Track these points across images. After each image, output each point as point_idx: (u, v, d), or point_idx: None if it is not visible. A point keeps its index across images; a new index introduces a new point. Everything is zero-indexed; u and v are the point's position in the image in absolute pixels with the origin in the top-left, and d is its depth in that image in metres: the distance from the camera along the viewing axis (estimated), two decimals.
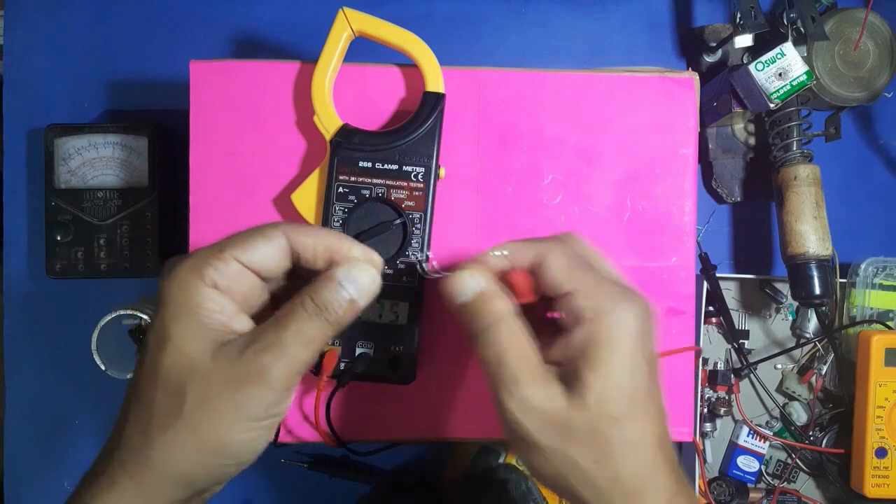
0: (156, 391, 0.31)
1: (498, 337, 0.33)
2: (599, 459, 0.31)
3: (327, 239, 0.33)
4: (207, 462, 0.31)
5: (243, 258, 0.32)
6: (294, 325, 0.31)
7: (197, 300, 0.31)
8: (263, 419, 0.31)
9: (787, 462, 0.60)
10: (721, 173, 0.60)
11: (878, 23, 0.57)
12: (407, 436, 0.48)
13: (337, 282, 0.33)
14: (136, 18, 0.60)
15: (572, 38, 0.61)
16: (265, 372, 0.30)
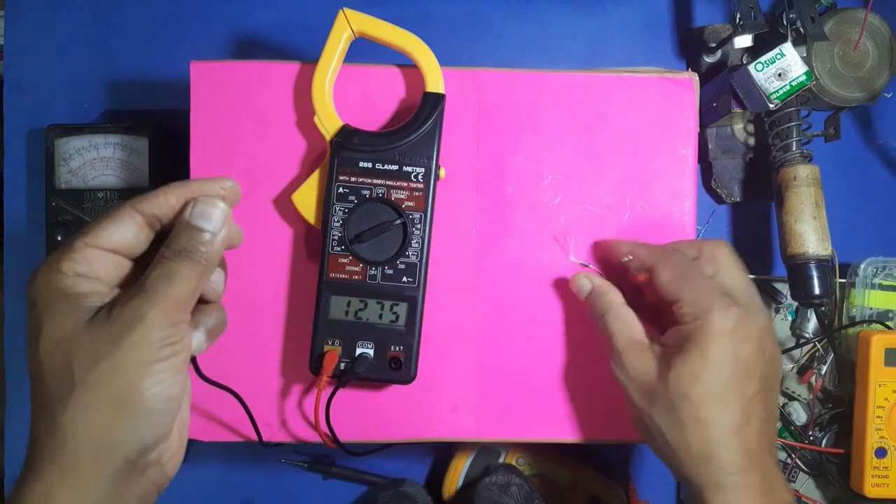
0: (45, 377, 0.31)
1: (610, 322, 0.43)
2: (674, 426, 0.39)
3: (176, 191, 0.35)
4: (119, 420, 0.31)
5: (96, 243, 0.33)
6: (156, 270, 0.33)
7: (62, 288, 0.32)
8: (156, 360, 0.31)
9: (786, 462, 0.60)
10: (721, 173, 0.60)
11: (877, 23, 0.57)
12: (407, 436, 0.48)
13: (187, 223, 0.34)
14: (136, 18, 0.60)
15: (572, 39, 0.61)
16: (138, 313, 0.31)
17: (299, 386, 0.47)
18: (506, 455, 0.57)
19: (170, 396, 0.32)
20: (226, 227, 0.35)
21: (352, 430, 0.47)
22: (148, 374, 0.31)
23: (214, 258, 0.35)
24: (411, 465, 0.61)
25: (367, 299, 0.44)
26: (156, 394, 0.31)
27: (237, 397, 0.44)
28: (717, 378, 0.38)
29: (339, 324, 0.44)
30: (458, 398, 0.47)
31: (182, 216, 0.34)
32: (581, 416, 0.48)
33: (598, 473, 0.58)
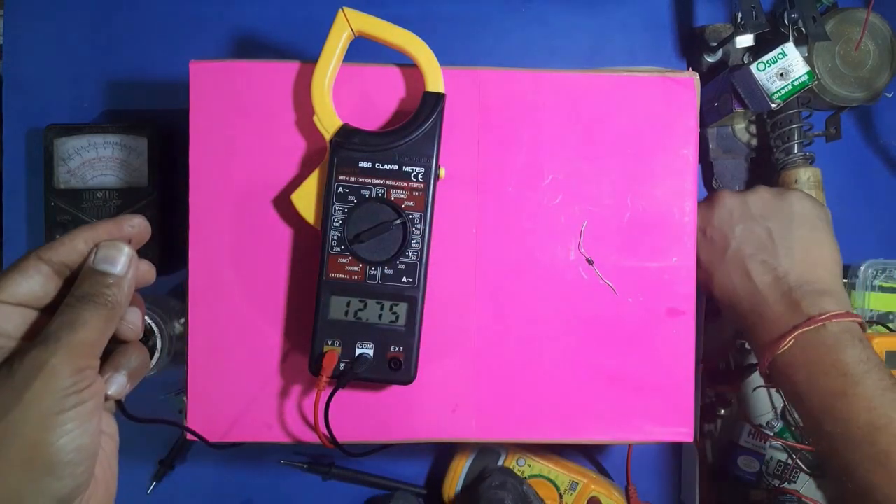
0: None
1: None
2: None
3: (82, 235, 0.34)
4: (30, 475, 0.29)
5: (3, 298, 0.32)
6: (60, 318, 0.32)
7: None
8: (63, 410, 0.30)
9: (787, 462, 0.60)
10: (722, 173, 0.60)
11: (878, 23, 0.57)
12: (407, 436, 0.47)
13: (91, 269, 0.33)
14: (136, 18, 0.60)
15: (572, 38, 0.61)
16: (40, 364, 0.30)
17: (299, 386, 0.47)
18: (506, 456, 0.57)
19: (80, 446, 0.30)
20: (132, 269, 0.34)
21: (352, 431, 0.47)
22: (55, 426, 0.29)
23: (123, 301, 0.34)
24: (411, 466, 0.61)
25: (367, 299, 0.44)
26: (64, 445, 0.30)
27: (178, 425, 0.43)
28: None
29: (338, 324, 0.44)
30: (458, 398, 0.47)
31: (86, 262, 0.34)
32: (581, 417, 0.48)
33: (598, 473, 0.58)
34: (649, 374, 0.48)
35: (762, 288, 0.48)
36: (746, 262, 0.49)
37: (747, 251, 0.49)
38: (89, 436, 0.31)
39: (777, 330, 0.46)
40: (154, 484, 0.59)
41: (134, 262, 0.35)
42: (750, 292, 0.49)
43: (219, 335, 0.46)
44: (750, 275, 0.48)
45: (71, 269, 0.34)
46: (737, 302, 0.49)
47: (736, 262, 0.49)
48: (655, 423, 0.48)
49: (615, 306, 0.48)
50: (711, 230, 0.51)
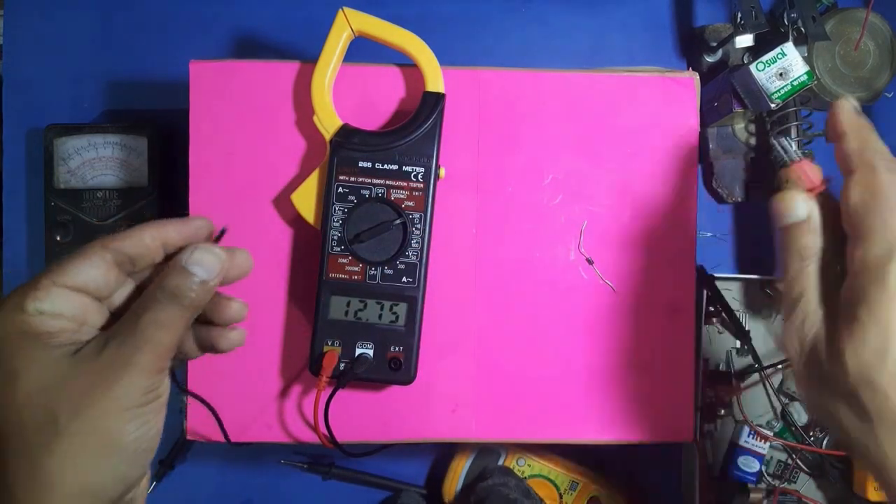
0: (25, 424, 0.30)
1: (803, 277, 0.34)
2: (858, 419, 0.31)
3: (150, 230, 0.34)
4: (105, 464, 0.30)
5: (63, 281, 0.32)
6: (148, 314, 0.31)
7: (31, 330, 0.30)
8: (144, 404, 0.31)
9: (787, 462, 0.60)
10: (722, 173, 0.60)
11: (878, 23, 0.57)
12: (407, 436, 0.47)
13: (182, 267, 0.33)
14: (136, 18, 0.60)
15: (572, 38, 0.61)
16: (131, 360, 0.30)
17: (299, 386, 0.47)
18: (506, 456, 0.57)
19: (151, 438, 0.32)
20: (219, 278, 0.34)
21: (352, 431, 0.47)
22: (134, 418, 0.30)
23: (201, 306, 0.33)
24: (411, 466, 0.61)
25: (367, 299, 0.44)
26: (139, 437, 0.31)
27: (208, 406, 0.44)
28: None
29: (338, 324, 0.44)
30: (457, 398, 0.47)
31: (178, 259, 0.33)
32: (581, 417, 0.48)
33: (598, 473, 0.58)
34: (649, 374, 0.48)
35: None
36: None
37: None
38: (158, 429, 0.32)
39: None
40: (154, 484, 0.59)
41: (223, 271, 0.34)
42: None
43: None
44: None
45: (132, 263, 0.34)
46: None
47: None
48: (655, 423, 0.48)
49: (615, 306, 0.48)
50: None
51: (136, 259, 0.33)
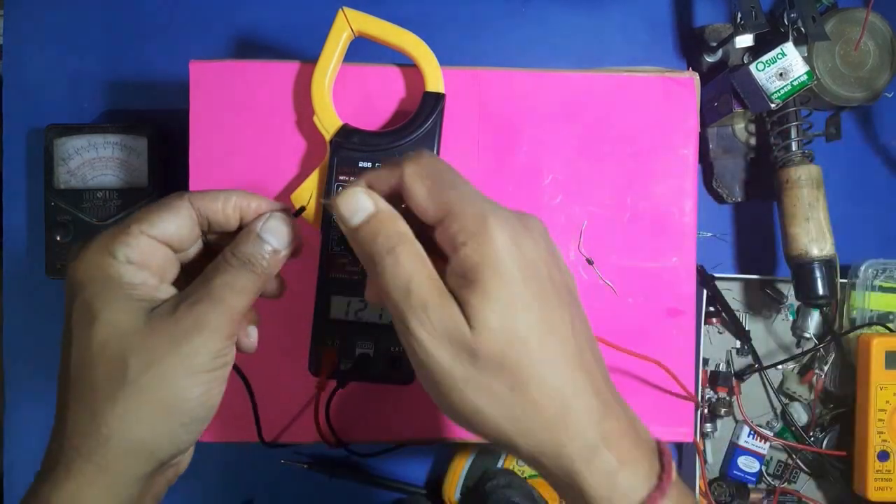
0: (95, 368, 0.30)
1: (403, 261, 0.30)
2: (514, 386, 0.29)
3: (234, 198, 0.34)
4: (164, 423, 0.30)
5: (152, 232, 0.32)
6: (221, 277, 0.31)
7: (116, 276, 0.31)
8: (211, 369, 0.31)
9: (787, 462, 0.60)
10: (722, 173, 0.60)
11: (878, 23, 0.57)
12: (407, 436, 0.47)
13: (256, 234, 0.33)
14: (136, 18, 0.60)
15: (572, 38, 0.61)
16: (203, 320, 0.30)
17: (299, 386, 0.47)
18: (506, 456, 0.57)
19: (213, 405, 0.32)
20: (290, 248, 0.34)
21: (352, 431, 0.47)
22: (199, 382, 0.30)
23: (272, 274, 0.33)
24: (411, 466, 0.61)
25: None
26: (201, 403, 0.31)
27: (249, 390, 0.44)
28: (532, 301, 0.29)
29: (338, 324, 0.44)
30: None
31: (252, 226, 0.33)
32: None
33: None
34: (649, 374, 0.48)
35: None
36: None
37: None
38: (217, 399, 0.32)
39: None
40: None
41: (296, 242, 0.34)
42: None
43: None
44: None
45: (210, 227, 0.34)
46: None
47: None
48: (655, 423, 0.48)
49: (615, 306, 0.48)
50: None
51: (213, 222, 0.34)
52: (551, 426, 0.29)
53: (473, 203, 0.30)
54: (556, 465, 0.30)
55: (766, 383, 0.60)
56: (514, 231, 0.30)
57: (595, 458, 0.29)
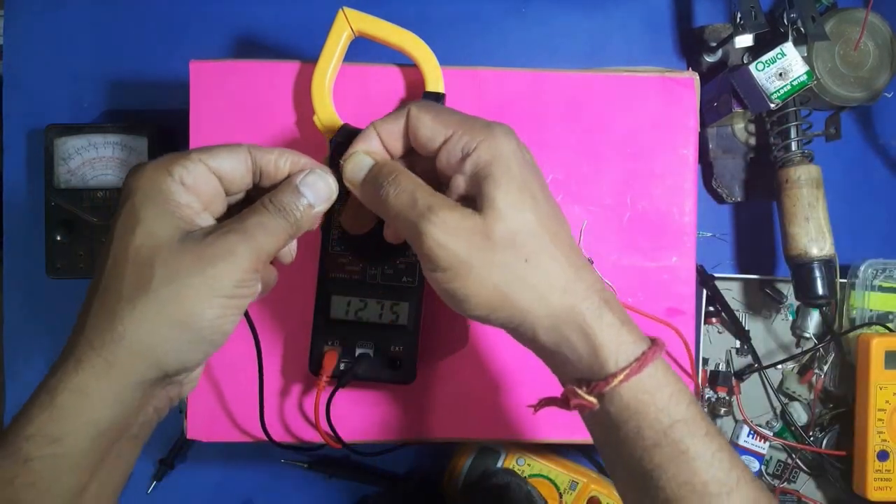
0: (124, 269, 0.31)
1: (404, 182, 0.34)
2: (529, 257, 0.33)
3: (288, 154, 0.36)
4: (176, 337, 0.31)
5: (209, 162, 0.34)
6: (256, 217, 0.33)
7: (166, 190, 0.33)
8: (231, 297, 0.32)
9: (787, 462, 0.60)
10: (721, 173, 0.60)
11: (878, 23, 0.57)
12: (407, 436, 0.47)
13: (295, 186, 0.35)
14: (136, 18, 0.60)
15: (572, 38, 0.61)
16: (233, 249, 0.32)
17: (299, 386, 0.47)
18: (506, 456, 0.57)
19: (225, 332, 0.33)
20: (325, 205, 0.36)
21: (352, 431, 0.47)
22: (216, 306, 0.32)
23: (304, 228, 0.35)
24: (411, 465, 0.61)
25: (367, 299, 0.44)
26: (216, 326, 0.32)
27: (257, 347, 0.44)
28: (534, 188, 0.34)
29: (339, 324, 0.44)
30: (457, 398, 0.47)
31: (292, 178, 0.35)
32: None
33: (598, 473, 0.58)
34: None
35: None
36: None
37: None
38: (232, 326, 0.33)
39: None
40: (154, 483, 0.59)
41: (330, 201, 0.36)
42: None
43: None
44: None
45: (261, 176, 0.36)
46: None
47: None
48: None
49: None
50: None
51: (265, 172, 0.36)
52: (565, 289, 0.33)
53: (476, 119, 0.35)
54: (572, 324, 0.33)
55: (765, 383, 0.60)
56: (513, 137, 0.35)
57: (603, 315, 0.33)
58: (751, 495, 0.32)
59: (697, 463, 0.32)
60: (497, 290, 0.33)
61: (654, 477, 0.32)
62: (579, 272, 0.34)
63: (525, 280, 0.33)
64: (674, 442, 0.32)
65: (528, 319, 0.33)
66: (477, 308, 0.33)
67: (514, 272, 0.33)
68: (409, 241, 0.34)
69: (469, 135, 0.34)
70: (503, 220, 0.33)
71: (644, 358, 0.33)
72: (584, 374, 0.33)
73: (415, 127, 0.35)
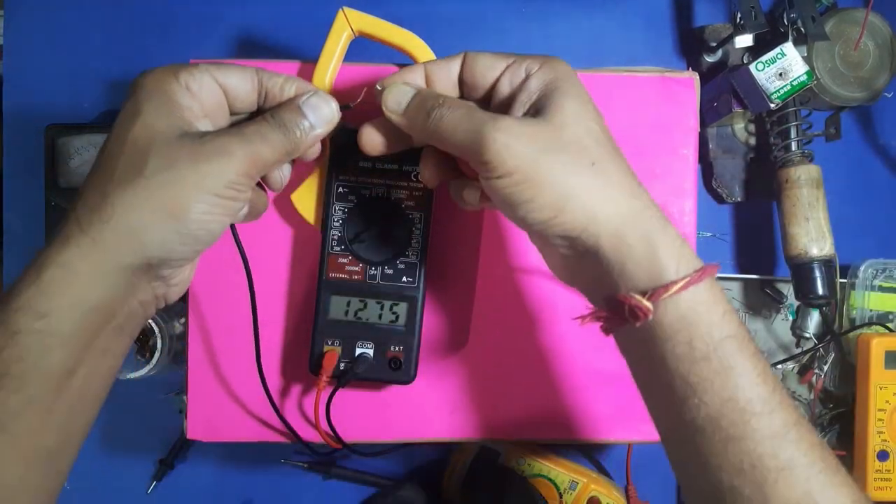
0: (120, 156, 0.33)
1: (456, 102, 0.35)
2: (595, 161, 0.33)
3: (295, 80, 0.37)
4: (161, 224, 0.32)
5: (215, 73, 0.35)
6: (255, 126, 0.35)
7: (169, 91, 0.34)
8: (219, 195, 0.33)
9: None
10: (721, 173, 0.60)
11: (878, 23, 0.57)
12: (407, 436, 0.47)
13: (297, 105, 0.36)
14: (136, 18, 0.60)
15: (572, 38, 0.61)
16: (228, 149, 0.33)
17: (299, 386, 0.47)
18: (506, 455, 0.57)
19: (210, 231, 0.34)
20: (325, 127, 0.37)
21: (352, 431, 0.47)
22: (205, 201, 0.32)
23: (301, 147, 0.36)
24: (411, 465, 0.61)
25: (367, 299, 0.44)
26: (202, 221, 0.33)
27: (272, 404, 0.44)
28: (594, 116, 0.35)
29: (338, 324, 0.44)
30: (457, 398, 0.47)
31: (296, 98, 0.36)
32: (581, 416, 0.48)
33: (598, 473, 0.58)
34: None
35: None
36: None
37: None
38: (220, 227, 0.34)
39: None
40: (154, 484, 0.59)
41: (331, 125, 0.37)
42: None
43: (219, 335, 0.47)
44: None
45: (266, 98, 0.37)
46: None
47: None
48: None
49: None
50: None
51: (270, 94, 0.37)
52: (632, 193, 0.33)
53: (530, 54, 0.36)
54: (638, 229, 0.32)
55: None
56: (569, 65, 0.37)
57: (667, 226, 0.33)
58: (791, 417, 0.32)
59: (743, 380, 0.31)
60: (564, 192, 0.32)
61: (697, 392, 0.32)
62: (641, 185, 0.34)
63: (593, 181, 0.33)
64: (723, 357, 0.32)
65: (594, 222, 0.33)
66: (542, 210, 0.32)
67: (582, 173, 0.33)
68: (467, 153, 0.34)
69: (531, 59, 0.36)
70: (571, 125, 0.33)
71: (704, 270, 0.32)
72: (641, 282, 0.32)
73: (472, 63, 0.36)
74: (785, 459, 0.31)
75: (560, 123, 0.33)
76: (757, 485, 0.31)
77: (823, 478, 0.31)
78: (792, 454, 0.31)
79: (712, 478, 0.32)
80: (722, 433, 0.31)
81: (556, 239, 0.34)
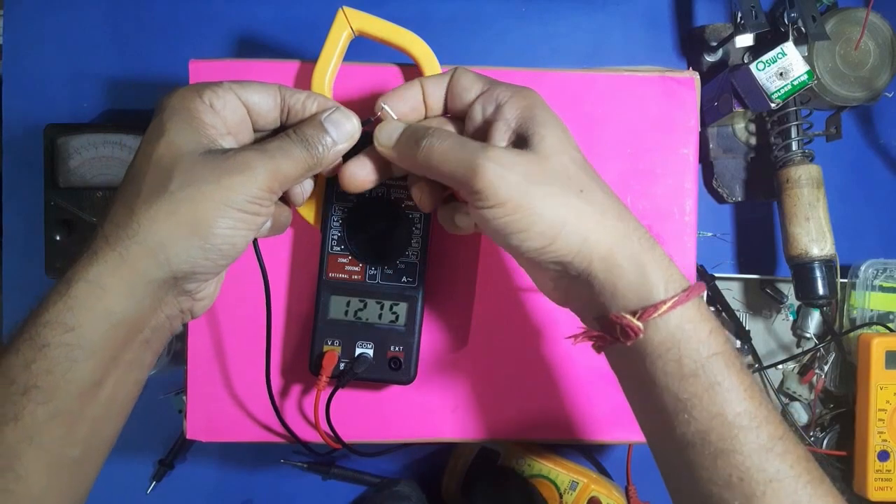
0: (146, 173, 0.33)
1: (446, 132, 0.36)
2: (582, 189, 0.34)
3: (317, 96, 0.38)
4: (185, 238, 0.33)
5: (239, 91, 0.36)
6: (278, 142, 0.35)
7: (193, 109, 0.35)
8: (242, 210, 0.33)
9: None
10: (722, 173, 0.60)
11: (878, 22, 0.57)
12: (407, 436, 0.47)
13: (319, 121, 0.37)
14: (136, 18, 0.60)
15: (572, 38, 0.61)
16: (251, 164, 0.33)
17: (299, 386, 0.47)
18: (506, 455, 0.57)
19: (234, 244, 0.34)
20: (347, 144, 0.37)
21: (352, 431, 0.47)
22: (229, 216, 0.33)
23: (324, 163, 0.37)
24: (411, 465, 0.61)
25: (367, 299, 0.44)
26: (226, 235, 0.33)
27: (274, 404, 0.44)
28: (573, 145, 0.36)
29: (338, 324, 0.44)
30: (457, 398, 0.47)
31: (317, 114, 0.37)
32: (581, 417, 0.48)
33: (598, 473, 0.58)
34: None
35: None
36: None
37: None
38: (244, 241, 0.35)
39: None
40: (154, 484, 0.59)
41: (352, 141, 0.38)
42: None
43: (218, 335, 0.46)
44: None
45: (289, 115, 0.38)
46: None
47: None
48: None
49: None
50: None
51: (293, 111, 0.37)
52: (619, 216, 0.34)
53: (506, 83, 0.37)
54: (626, 250, 0.34)
55: (766, 383, 0.60)
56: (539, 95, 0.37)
57: (655, 247, 0.34)
58: (777, 431, 0.33)
59: (731, 395, 0.32)
60: (556, 220, 0.33)
61: (687, 407, 0.33)
62: (626, 207, 0.35)
63: (583, 208, 0.34)
64: (710, 373, 0.32)
65: (586, 246, 0.33)
66: (536, 239, 0.33)
67: (571, 201, 0.34)
68: (458, 183, 0.34)
69: (502, 88, 0.37)
70: (556, 155, 0.34)
71: (691, 290, 0.33)
72: (631, 302, 0.33)
73: (456, 81, 0.38)
74: (772, 472, 0.32)
75: (546, 154, 0.34)
76: (746, 497, 0.32)
77: (810, 489, 0.32)
78: (779, 467, 0.32)
79: (703, 490, 0.33)
80: (711, 447, 0.32)
81: (548, 264, 0.35)
